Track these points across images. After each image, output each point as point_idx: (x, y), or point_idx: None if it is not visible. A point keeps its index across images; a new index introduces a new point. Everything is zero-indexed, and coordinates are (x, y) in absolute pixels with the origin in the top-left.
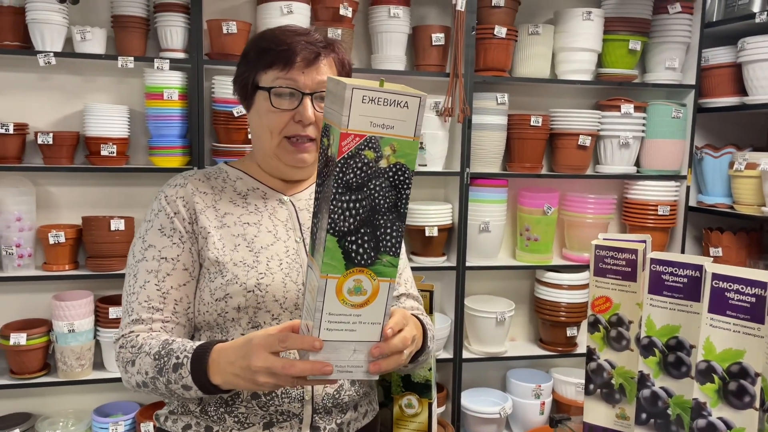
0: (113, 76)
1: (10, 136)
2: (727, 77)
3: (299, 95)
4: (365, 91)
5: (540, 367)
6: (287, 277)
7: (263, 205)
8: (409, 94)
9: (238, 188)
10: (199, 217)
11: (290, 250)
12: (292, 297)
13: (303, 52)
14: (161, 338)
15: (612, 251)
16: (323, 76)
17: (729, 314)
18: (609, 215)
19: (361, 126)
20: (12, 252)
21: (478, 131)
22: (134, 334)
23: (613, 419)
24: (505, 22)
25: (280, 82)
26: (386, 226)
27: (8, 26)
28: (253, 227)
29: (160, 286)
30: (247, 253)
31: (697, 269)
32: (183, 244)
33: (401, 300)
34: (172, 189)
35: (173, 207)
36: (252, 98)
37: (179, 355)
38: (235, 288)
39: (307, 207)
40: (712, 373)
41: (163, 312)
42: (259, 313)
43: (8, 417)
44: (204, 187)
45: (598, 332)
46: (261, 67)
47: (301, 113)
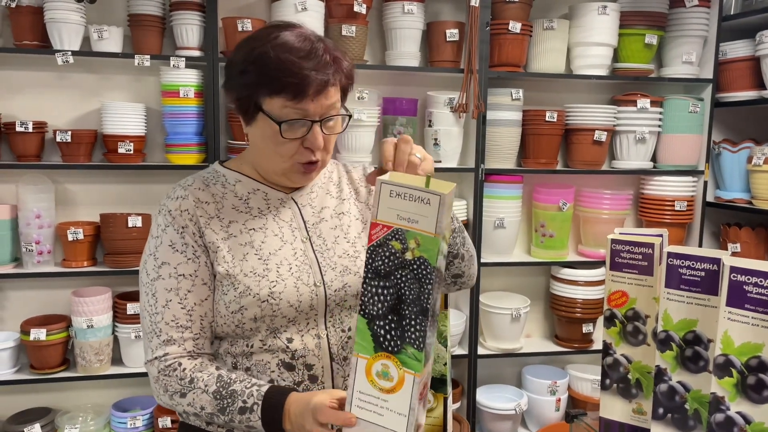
0: (130, 75)
1: (29, 134)
2: (745, 71)
3: (309, 123)
4: (393, 186)
5: (555, 364)
6: (299, 280)
7: (266, 206)
8: (432, 192)
9: (238, 192)
10: (205, 231)
11: (298, 252)
12: (307, 299)
13: (314, 83)
14: (213, 372)
15: (628, 245)
16: (332, 99)
17: (747, 308)
18: (625, 211)
19: (389, 218)
20: (32, 249)
21: (493, 127)
22: (174, 361)
23: (629, 414)
24: (519, 17)
25: (289, 113)
26: (411, 317)
27: (27, 26)
28: (259, 233)
29: (184, 304)
30: (256, 261)
31: (715, 263)
32: (198, 259)
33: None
34: (174, 202)
35: (180, 221)
36: (253, 117)
37: (246, 399)
38: (249, 299)
39: (310, 203)
40: (730, 367)
41: (192, 329)
42: (276, 319)
43: (28, 411)
44: (205, 197)
45: (615, 327)
46: (265, 92)
47: (311, 141)
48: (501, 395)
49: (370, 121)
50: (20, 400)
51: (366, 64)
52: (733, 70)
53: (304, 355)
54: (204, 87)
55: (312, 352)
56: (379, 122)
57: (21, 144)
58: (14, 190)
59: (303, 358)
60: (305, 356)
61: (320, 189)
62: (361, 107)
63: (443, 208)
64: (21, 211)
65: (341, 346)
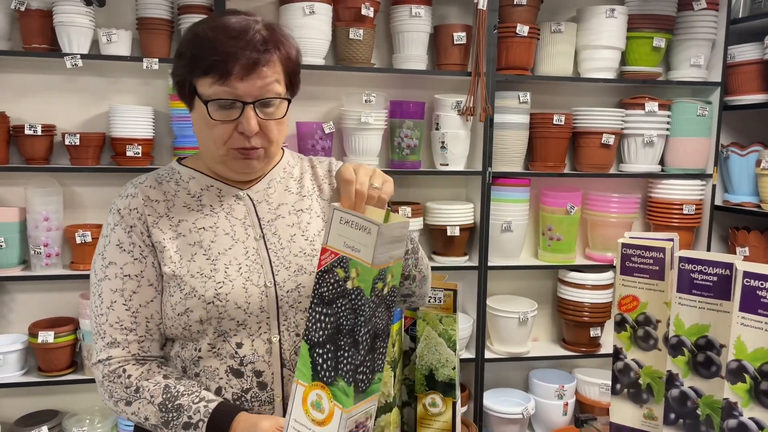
0: (138, 78)
1: (38, 137)
2: (753, 74)
3: (240, 105)
4: (343, 213)
5: (563, 368)
6: (248, 281)
7: (219, 204)
8: (371, 221)
9: (191, 189)
10: (152, 231)
11: (250, 251)
12: (256, 301)
13: (240, 60)
14: (161, 382)
15: (639, 250)
16: (266, 80)
17: (761, 313)
18: (633, 214)
19: (337, 244)
20: (40, 251)
21: (500, 130)
22: (119, 366)
23: (640, 419)
24: (527, 20)
25: (218, 93)
26: (345, 348)
27: (36, 29)
28: (209, 232)
29: (129, 306)
30: (204, 261)
31: (728, 267)
32: (145, 259)
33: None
34: (123, 200)
35: (128, 220)
36: (192, 101)
37: (192, 415)
38: (194, 301)
39: (266, 199)
40: (743, 373)
41: (137, 332)
42: (224, 322)
43: (36, 414)
44: (156, 194)
45: (625, 331)
46: (197, 73)
47: (243, 125)
48: (508, 399)
49: (377, 124)
50: (28, 403)
51: (373, 68)
52: (742, 73)
53: (254, 361)
54: None
55: (262, 357)
56: (386, 125)
57: (30, 147)
58: (23, 193)
59: (252, 364)
60: (254, 362)
61: (278, 184)
62: (368, 110)
63: (381, 238)
64: (29, 213)
65: (295, 351)
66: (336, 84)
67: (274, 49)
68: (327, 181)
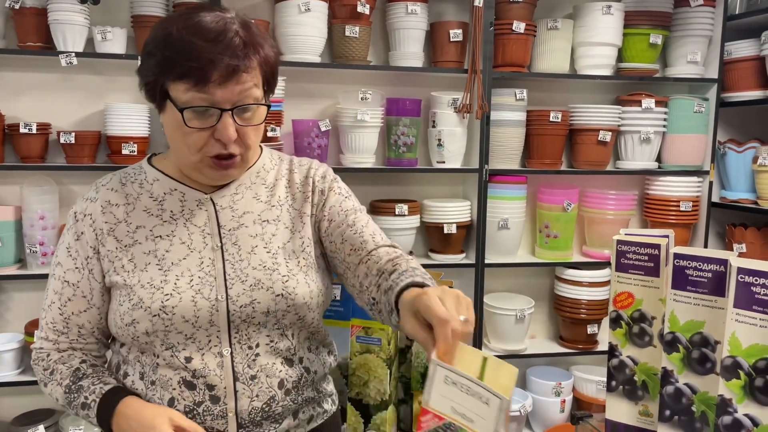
0: (133, 76)
1: (33, 135)
2: (750, 70)
3: (217, 112)
4: (449, 372)
5: (560, 365)
6: (198, 294)
7: (180, 209)
8: (493, 392)
9: (154, 192)
10: (106, 239)
11: (205, 261)
12: (205, 315)
13: (219, 67)
14: (73, 365)
15: (634, 246)
16: (245, 85)
17: (755, 309)
18: (630, 211)
19: (442, 407)
20: (36, 250)
21: (497, 127)
22: (44, 353)
23: (635, 416)
24: (523, 17)
25: (194, 100)
26: None
27: (31, 27)
28: (165, 240)
29: (63, 311)
30: (156, 272)
31: (722, 264)
32: (83, 271)
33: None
34: (82, 204)
35: (80, 227)
36: (162, 104)
37: (87, 396)
38: (140, 313)
39: (231, 205)
40: (738, 369)
41: (68, 336)
42: (171, 335)
43: (33, 413)
44: (117, 199)
45: (621, 328)
46: (169, 76)
47: (221, 132)
48: None
49: (374, 121)
50: (24, 402)
51: (369, 65)
52: (739, 70)
53: (205, 375)
54: None
55: (213, 371)
56: (382, 123)
57: (25, 145)
58: (18, 192)
59: (204, 378)
60: (206, 376)
61: (247, 190)
62: (365, 108)
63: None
64: (25, 212)
65: (247, 364)
66: (332, 82)
67: (254, 54)
68: (302, 189)
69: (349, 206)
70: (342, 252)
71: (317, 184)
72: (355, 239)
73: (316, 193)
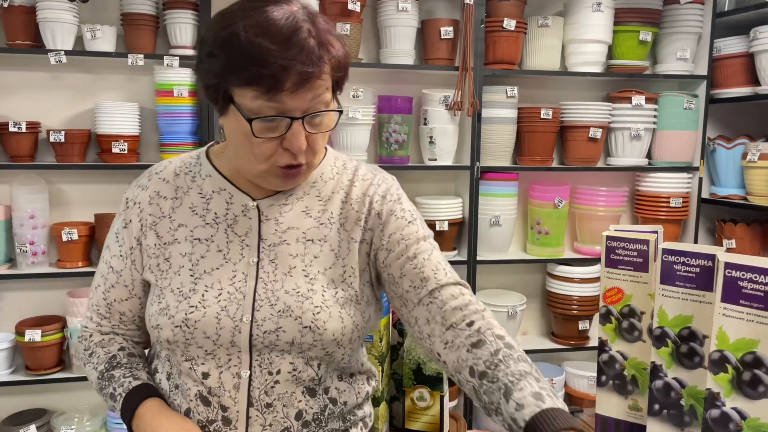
0: (123, 74)
1: (22, 134)
2: (739, 67)
3: (287, 120)
4: None
5: (552, 361)
6: (223, 311)
7: (224, 213)
8: None
9: (204, 189)
10: (148, 233)
11: (237, 276)
12: (227, 335)
13: (292, 75)
14: (111, 351)
15: (623, 242)
16: (317, 91)
17: (742, 303)
18: (620, 208)
19: None
20: (26, 249)
21: (488, 125)
22: (88, 332)
23: (625, 411)
24: (514, 14)
25: (263, 109)
26: None
27: (20, 25)
28: (203, 245)
29: (106, 296)
30: (187, 277)
31: (710, 259)
32: (126, 260)
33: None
34: (134, 190)
35: (129, 214)
36: (225, 108)
37: (116, 387)
38: (164, 320)
39: (277, 217)
40: (725, 363)
41: (110, 320)
42: (191, 348)
43: (24, 413)
44: (166, 191)
45: (610, 323)
46: (235, 81)
47: (291, 142)
48: None
49: (365, 119)
50: (16, 402)
51: (360, 63)
52: (728, 67)
53: (219, 394)
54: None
55: (228, 393)
56: (374, 121)
57: (14, 144)
58: (8, 191)
59: (218, 397)
60: (220, 396)
61: (298, 201)
62: (356, 105)
63: None
64: (15, 211)
65: (265, 390)
66: None
67: (327, 56)
68: (357, 207)
69: (411, 233)
70: (400, 287)
71: (375, 204)
72: (415, 275)
73: (372, 217)
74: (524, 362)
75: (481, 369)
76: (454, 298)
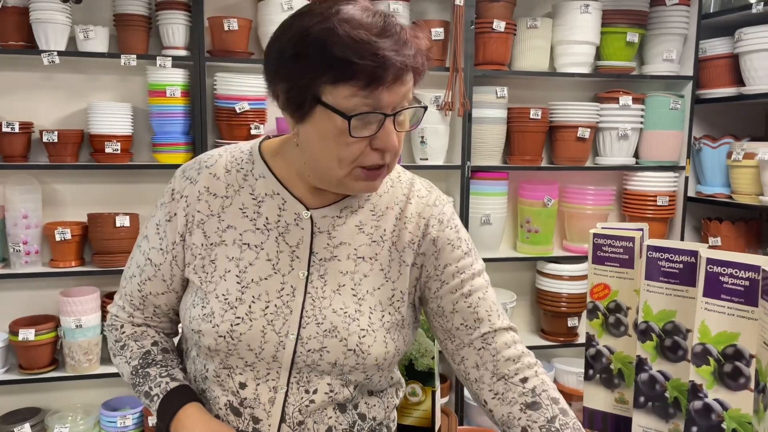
0: (116, 75)
1: (15, 134)
2: (724, 68)
3: (381, 117)
4: None
5: (542, 357)
6: (269, 325)
7: (276, 219)
8: None
9: (256, 190)
10: (194, 230)
11: (285, 289)
12: (270, 349)
13: (394, 67)
14: (144, 345)
15: (610, 239)
16: (407, 86)
17: (723, 298)
18: (608, 206)
19: None
20: (19, 249)
21: (479, 125)
22: (119, 322)
23: (612, 403)
24: (503, 15)
25: (358, 105)
26: None
27: (12, 26)
28: (252, 251)
29: (141, 288)
30: (233, 285)
31: (693, 255)
32: (166, 255)
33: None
34: (182, 182)
35: (174, 207)
36: (309, 112)
37: (152, 387)
38: (208, 327)
39: (329, 229)
40: (707, 356)
41: (143, 312)
42: (232, 358)
43: (18, 411)
44: (216, 187)
45: (597, 319)
46: (329, 79)
47: (384, 140)
48: None
49: None
50: (10, 401)
51: None
52: (713, 67)
53: (254, 406)
54: (190, 86)
55: (263, 405)
56: None
57: (7, 144)
58: (1, 191)
59: (251, 409)
60: (254, 408)
61: (351, 215)
62: None
63: None
64: (8, 211)
65: (299, 409)
66: None
67: (419, 52)
68: (411, 228)
69: (467, 267)
70: (449, 322)
71: (431, 229)
72: (469, 314)
73: (426, 241)
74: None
75: None
76: (507, 347)
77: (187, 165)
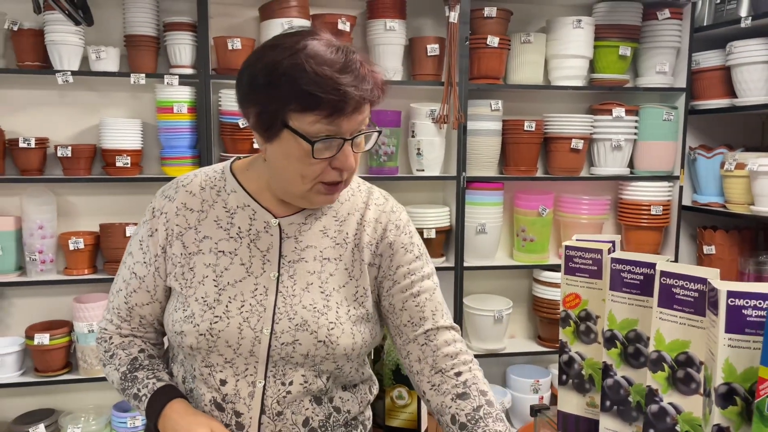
0: (127, 92)
1: (32, 149)
2: (717, 80)
3: (341, 141)
4: None
5: (539, 363)
6: (245, 322)
7: (247, 227)
8: None
9: (228, 204)
10: (174, 242)
11: (259, 289)
12: (247, 345)
13: (354, 98)
14: (132, 353)
15: (580, 251)
16: (364, 114)
17: (676, 308)
18: (603, 216)
19: None
20: (35, 258)
21: (474, 137)
22: (108, 334)
23: (584, 407)
24: (497, 31)
25: (321, 131)
26: None
27: (28, 47)
28: (227, 257)
29: (128, 300)
30: (211, 288)
31: (651, 267)
32: (150, 267)
33: (429, 338)
34: (161, 201)
35: (154, 223)
36: (277, 134)
37: (140, 389)
38: (189, 327)
39: (296, 236)
40: (662, 362)
41: (130, 323)
42: (212, 355)
43: (34, 413)
44: (193, 203)
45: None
46: (297, 107)
47: (342, 161)
48: None
49: None
50: (25, 402)
51: None
52: (706, 79)
53: (234, 401)
54: (197, 103)
55: (243, 400)
56: None
57: (24, 159)
58: (18, 203)
59: (233, 404)
60: (235, 402)
61: (316, 222)
62: None
63: None
64: (25, 222)
65: (277, 400)
66: None
67: (376, 86)
68: (370, 231)
69: (417, 269)
70: (398, 318)
71: (389, 233)
72: (415, 312)
73: (384, 244)
74: (501, 422)
75: (462, 420)
76: (447, 345)
77: (166, 186)
